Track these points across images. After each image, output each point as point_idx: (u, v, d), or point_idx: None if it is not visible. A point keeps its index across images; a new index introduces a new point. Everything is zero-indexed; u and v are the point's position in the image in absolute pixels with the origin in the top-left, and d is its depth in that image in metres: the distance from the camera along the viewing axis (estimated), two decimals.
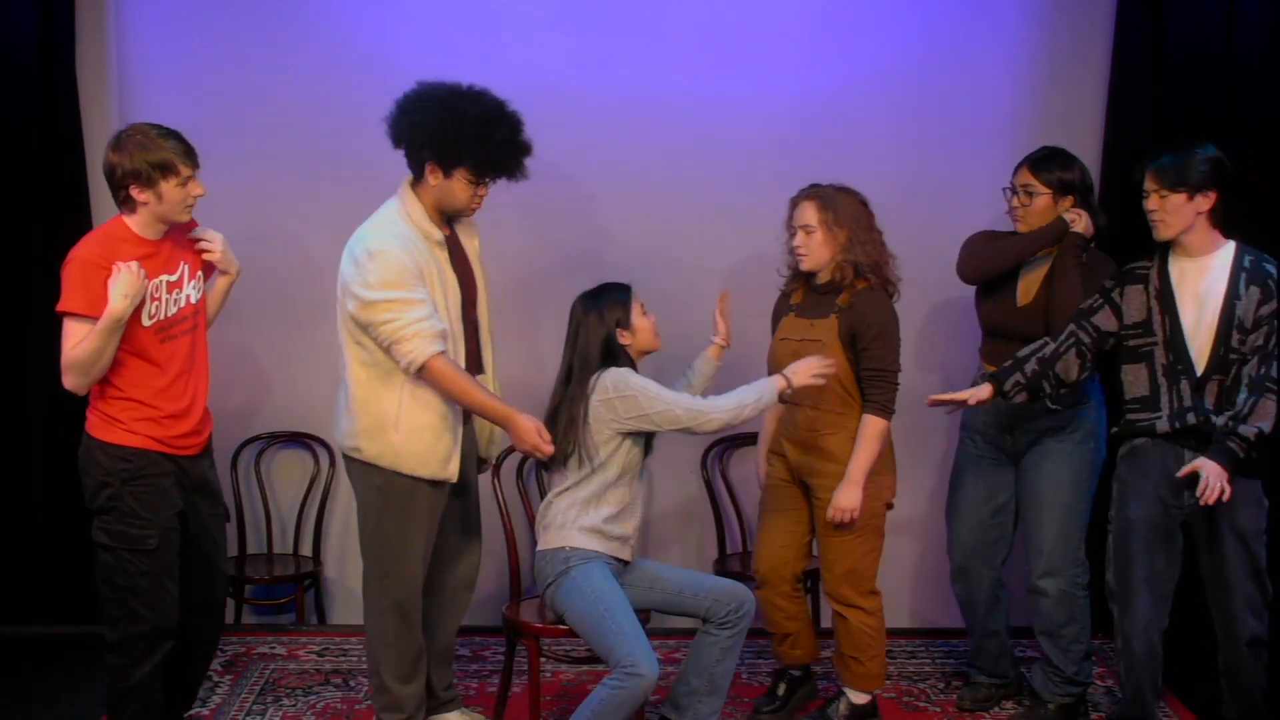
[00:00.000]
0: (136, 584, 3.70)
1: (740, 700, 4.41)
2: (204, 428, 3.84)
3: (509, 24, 4.89)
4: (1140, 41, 4.82)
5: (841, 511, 4.02)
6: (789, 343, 4.12)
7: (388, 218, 3.84)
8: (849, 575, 4.12)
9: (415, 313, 3.71)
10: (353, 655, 4.84)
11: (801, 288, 4.18)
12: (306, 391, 5.01)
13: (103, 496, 3.69)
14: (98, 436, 3.69)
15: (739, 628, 3.87)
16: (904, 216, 4.76)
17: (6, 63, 4.75)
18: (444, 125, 3.76)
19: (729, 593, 3.90)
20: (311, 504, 5.10)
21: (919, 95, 4.95)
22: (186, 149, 3.65)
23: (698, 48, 4.92)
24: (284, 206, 4.91)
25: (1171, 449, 3.88)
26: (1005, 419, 4.23)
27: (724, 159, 4.94)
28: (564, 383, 3.92)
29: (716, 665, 3.88)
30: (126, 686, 3.76)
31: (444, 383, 3.76)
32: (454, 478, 3.89)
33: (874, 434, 4.03)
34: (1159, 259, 3.91)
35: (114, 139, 3.65)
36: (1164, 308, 3.87)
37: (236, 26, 4.87)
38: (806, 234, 4.05)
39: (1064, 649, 4.26)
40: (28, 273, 4.87)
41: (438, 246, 3.87)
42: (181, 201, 3.66)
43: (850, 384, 4.06)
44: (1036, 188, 4.13)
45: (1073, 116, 4.93)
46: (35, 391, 4.91)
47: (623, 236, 4.98)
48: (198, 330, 3.82)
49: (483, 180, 3.85)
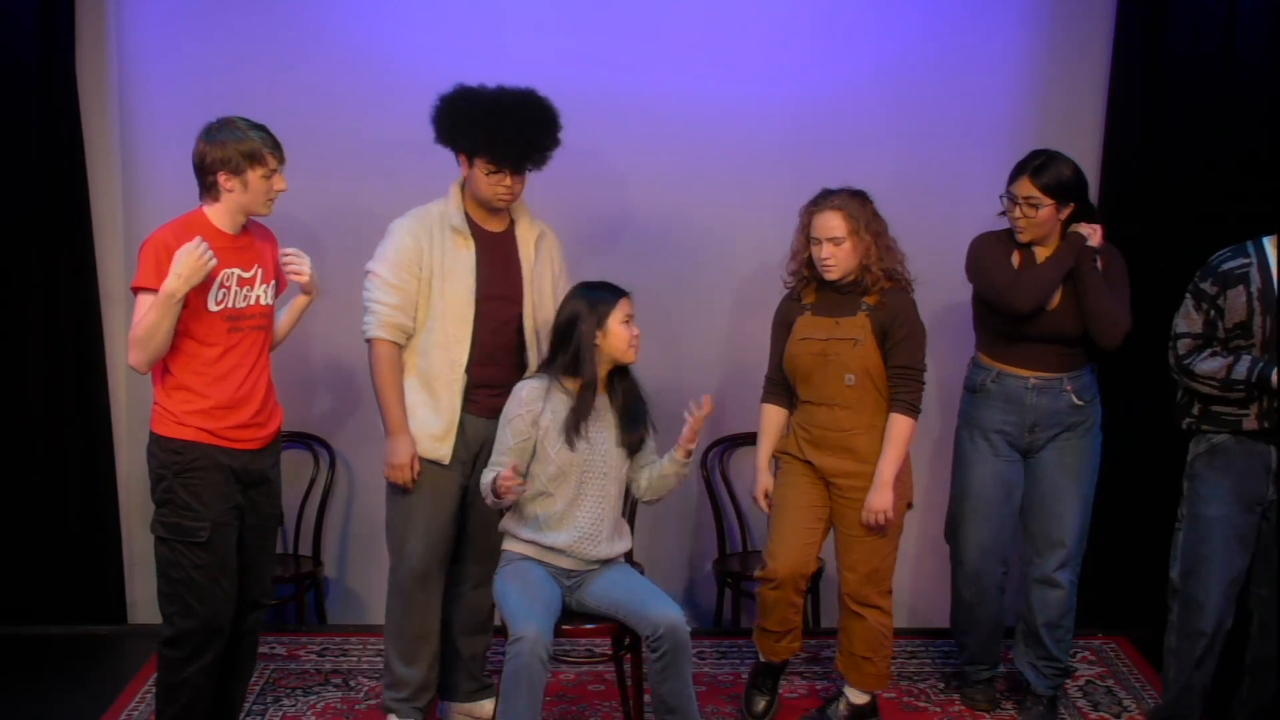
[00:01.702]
0: (190, 577, 3.73)
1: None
2: (265, 421, 3.86)
3: (509, 24, 4.89)
4: (1140, 41, 4.82)
5: (877, 514, 4.02)
6: (813, 341, 4.09)
7: (425, 205, 4.07)
8: (872, 575, 4.11)
9: (383, 295, 3.97)
10: (353, 655, 4.84)
11: (813, 288, 4.16)
12: (307, 391, 5.01)
13: (160, 489, 3.75)
14: (156, 431, 3.76)
15: (662, 652, 3.76)
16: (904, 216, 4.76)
17: (6, 63, 4.74)
18: (457, 116, 3.93)
19: (652, 621, 3.77)
20: (311, 504, 5.10)
21: (919, 95, 4.94)
22: (274, 142, 3.73)
23: (698, 48, 4.92)
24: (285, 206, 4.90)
25: (1258, 446, 3.85)
26: (1029, 418, 4.19)
27: (724, 159, 4.94)
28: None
29: (659, 686, 3.81)
30: (177, 681, 3.78)
31: (373, 369, 4.02)
32: (445, 459, 4.01)
33: (903, 433, 4.03)
34: (1257, 257, 3.85)
35: (205, 129, 3.71)
36: (1266, 308, 3.80)
37: (237, 26, 4.87)
38: (835, 245, 4.02)
39: (1059, 640, 4.29)
40: (28, 273, 4.87)
41: (458, 234, 4.00)
42: (265, 193, 3.74)
43: (883, 383, 4.06)
44: (1040, 199, 4.08)
45: (1073, 116, 4.93)
46: (35, 392, 4.92)
47: (623, 236, 4.98)
48: (266, 332, 3.88)
49: (498, 169, 3.93)
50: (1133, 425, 4.76)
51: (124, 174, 4.92)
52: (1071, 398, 4.16)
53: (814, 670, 4.68)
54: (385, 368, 4.00)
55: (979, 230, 4.32)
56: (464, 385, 4.02)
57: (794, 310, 4.18)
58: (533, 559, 3.90)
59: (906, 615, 5.18)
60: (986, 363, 4.26)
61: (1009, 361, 4.20)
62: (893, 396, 4.05)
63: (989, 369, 4.24)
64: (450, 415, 4.01)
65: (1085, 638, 4.96)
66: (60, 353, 4.91)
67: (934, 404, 4.91)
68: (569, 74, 4.88)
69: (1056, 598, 4.25)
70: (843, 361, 4.05)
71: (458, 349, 4.00)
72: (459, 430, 4.03)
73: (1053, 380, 4.16)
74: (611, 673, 4.43)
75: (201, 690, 3.81)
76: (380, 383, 4.01)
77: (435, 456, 4.02)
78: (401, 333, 4.01)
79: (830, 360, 4.06)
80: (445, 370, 4.00)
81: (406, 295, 3.98)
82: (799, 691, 4.58)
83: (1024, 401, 4.17)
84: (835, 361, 4.06)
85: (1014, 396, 4.18)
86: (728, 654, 4.83)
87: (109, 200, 4.92)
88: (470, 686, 4.32)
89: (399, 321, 3.99)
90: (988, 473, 4.27)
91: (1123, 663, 4.85)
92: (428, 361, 4.02)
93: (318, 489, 5.09)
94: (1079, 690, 4.62)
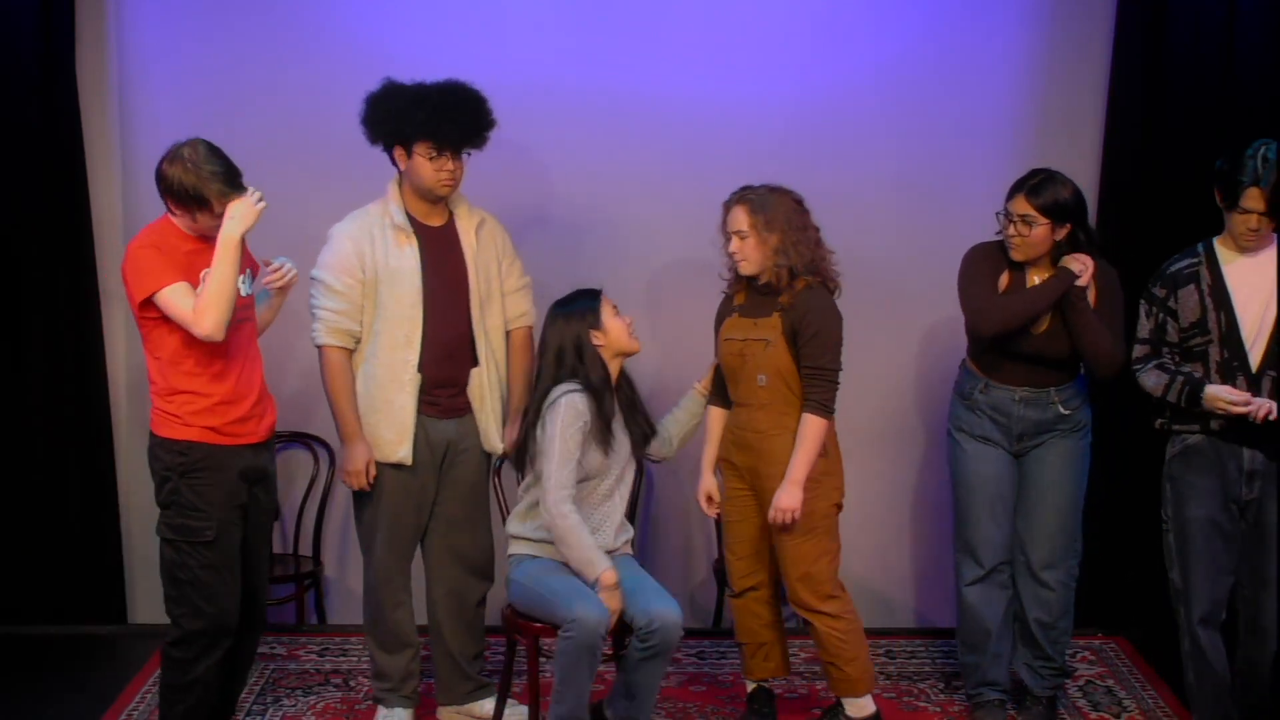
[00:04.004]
0: (197, 577, 3.73)
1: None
2: (263, 413, 3.87)
3: (509, 23, 4.89)
4: (1140, 41, 4.82)
5: (782, 512, 3.97)
6: (733, 342, 4.09)
7: (364, 207, 4.08)
8: (805, 580, 4.06)
9: (329, 301, 4.03)
10: (353, 655, 4.84)
11: (744, 289, 4.15)
12: (306, 391, 5.01)
13: (165, 491, 3.75)
14: (158, 433, 3.75)
15: (649, 645, 3.81)
16: (904, 216, 4.78)
17: (6, 63, 4.74)
18: (388, 106, 3.97)
19: (649, 614, 3.81)
20: (311, 504, 5.10)
21: (919, 95, 4.94)
22: (228, 190, 3.64)
23: (698, 48, 4.92)
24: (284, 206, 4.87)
25: (1227, 447, 3.87)
26: (1016, 428, 4.16)
27: (724, 159, 4.92)
28: (532, 389, 4.00)
29: (632, 673, 3.87)
30: (184, 682, 3.78)
31: (324, 375, 4.07)
32: (406, 460, 4.05)
33: (813, 433, 3.98)
34: (1205, 255, 3.88)
35: (172, 151, 3.68)
36: (1219, 304, 3.83)
37: (236, 27, 4.87)
38: (740, 239, 4.02)
39: (1055, 640, 4.27)
40: (28, 273, 4.87)
41: (400, 232, 4.03)
42: (217, 225, 3.68)
43: (796, 384, 4.03)
44: (1035, 218, 4.02)
45: (1073, 116, 4.93)
46: (35, 391, 4.92)
47: (622, 236, 4.97)
48: (251, 323, 3.89)
49: (440, 152, 3.95)
50: (1132, 425, 4.75)
51: (124, 174, 4.92)
52: (1058, 408, 4.14)
53: (814, 670, 4.67)
54: (335, 374, 4.04)
55: (978, 231, 4.31)
56: (419, 385, 4.04)
57: (725, 310, 4.19)
58: (545, 557, 3.93)
59: (908, 615, 5.18)
60: (976, 372, 4.24)
61: (997, 375, 4.17)
62: (804, 396, 4.01)
63: (978, 379, 4.22)
64: (404, 417, 4.04)
65: (1085, 638, 4.96)
66: (60, 352, 4.91)
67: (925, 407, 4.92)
68: (569, 74, 4.89)
69: (1049, 599, 4.24)
70: (757, 362, 4.03)
71: (408, 350, 4.03)
72: (420, 432, 4.06)
73: (1040, 394, 4.14)
74: (612, 673, 4.43)
75: (210, 688, 3.82)
76: (331, 389, 4.05)
77: (395, 459, 4.06)
78: (350, 337, 4.04)
79: (746, 361, 4.05)
80: (398, 372, 4.03)
81: (351, 300, 4.01)
82: (799, 691, 4.58)
83: (1012, 413, 4.16)
84: (751, 362, 4.05)
85: (1002, 408, 4.17)
86: (727, 654, 4.83)
87: (109, 200, 4.92)
88: (466, 688, 4.33)
89: (345, 327, 4.03)
90: (990, 474, 4.23)
91: (1123, 663, 4.85)
92: (378, 364, 4.04)
93: (318, 489, 5.09)
94: (1079, 690, 4.62)
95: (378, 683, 4.28)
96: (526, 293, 4.28)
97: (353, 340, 4.05)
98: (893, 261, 4.90)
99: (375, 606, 4.21)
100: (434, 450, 4.10)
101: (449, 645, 4.28)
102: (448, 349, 4.08)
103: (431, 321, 4.04)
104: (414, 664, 4.26)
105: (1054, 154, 4.60)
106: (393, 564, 4.17)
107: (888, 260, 4.88)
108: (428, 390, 4.06)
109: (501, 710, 4.22)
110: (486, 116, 4.03)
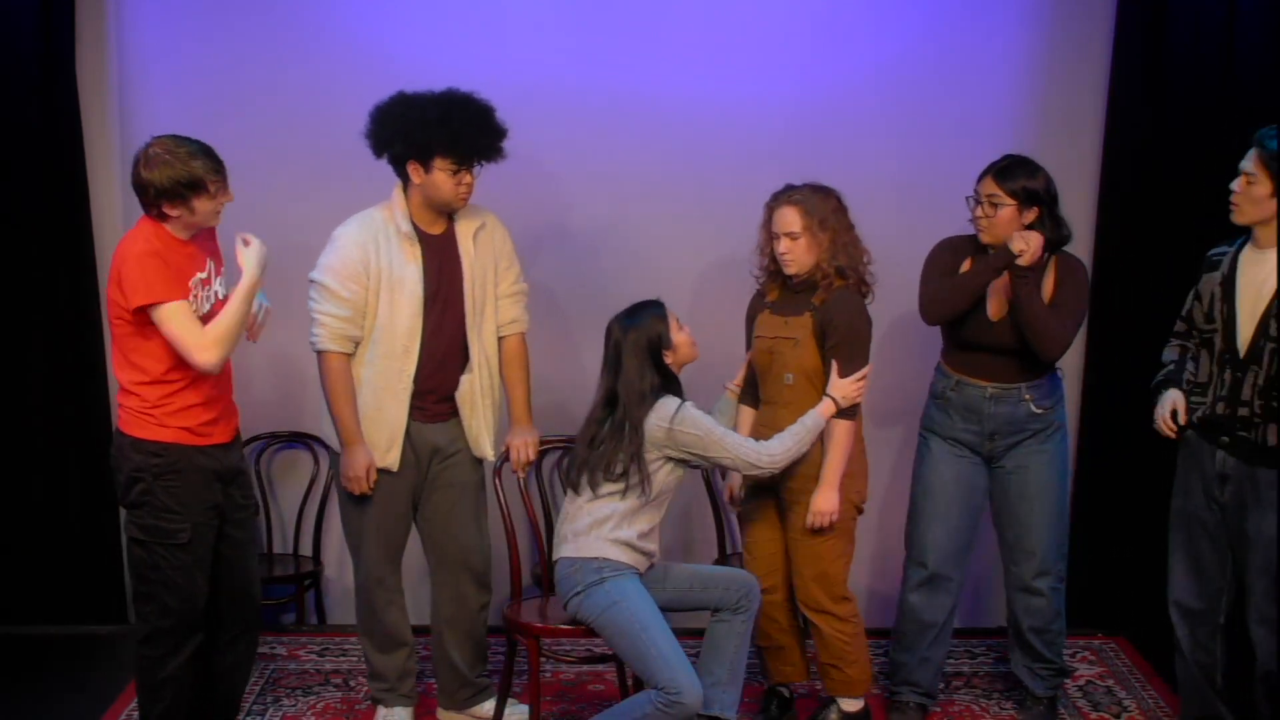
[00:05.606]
0: (168, 578, 3.72)
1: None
2: (231, 413, 3.87)
3: (509, 23, 4.89)
4: (1140, 41, 4.82)
5: (820, 516, 3.99)
6: (764, 340, 4.09)
7: (368, 210, 4.05)
8: (820, 579, 4.07)
9: (331, 306, 3.98)
10: (353, 655, 4.84)
11: (778, 286, 4.14)
12: (306, 391, 5.00)
13: (135, 492, 3.71)
14: (129, 433, 3.71)
15: (749, 611, 3.89)
16: (903, 216, 4.77)
17: (6, 63, 4.74)
18: (408, 120, 3.92)
19: (735, 579, 3.92)
20: (311, 504, 5.10)
21: (919, 95, 4.94)
22: (214, 165, 3.65)
23: (697, 48, 4.92)
24: (284, 206, 4.90)
25: (1204, 445, 3.87)
26: (988, 426, 4.16)
27: (724, 159, 4.94)
28: (605, 406, 3.87)
29: (735, 653, 3.89)
30: (158, 680, 3.78)
31: (325, 380, 4.04)
32: (393, 466, 4.05)
33: (843, 435, 3.99)
34: (1236, 246, 3.87)
35: (142, 157, 3.62)
36: (1224, 294, 3.82)
37: (237, 27, 4.87)
38: (791, 240, 3.99)
39: (1051, 643, 4.28)
40: (27, 274, 4.87)
41: (407, 240, 4.00)
42: (213, 210, 3.70)
43: (821, 384, 4.02)
44: (1001, 198, 4.03)
45: (1073, 116, 4.93)
46: (35, 391, 4.91)
47: (623, 237, 4.98)
48: None
49: (462, 166, 3.93)
50: (1131, 424, 4.75)
51: (124, 174, 4.90)
52: (1030, 406, 4.13)
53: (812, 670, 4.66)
54: (336, 379, 4.02)
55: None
56: (411, 395, 4.05)
57: (757, 307, 4.19)
58: (633, 567, 3.87)
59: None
60: (948, 370, 4.24)
61: (967, 371, 4.17)
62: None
63: (950, 377, 4.21)
64: (395, 425, 4.05)
65: (1085, 638, 4.97)
66: (60, 353, 4.91)
67: (900, 410, 4.91)
68: (569, 74, 4.89)
69: (1039, 605, 4.24)
70: (784, 361, 4.04)
71: (406, 360, 4.02)
72: (406, 437, 4.06)
73: (1011, 390, 4.13)
74: (612, 672, 4.43)
75: (185, 686, 3.80)
76: (332, 395, 4.03)
77: (383, 465, 4.07)
78: (351, 343, 4.03)
79: (775, 359, 4.06)
80: (393, 381, 4.03)
81: (355, 306, 3.99)
82: (799, 691, 4.58)
83: (982, 411, 4.14)
84: (779, 360, 4.05)
85: (973, 406, 4.16)
86: None
87: (109, 200, 4.92)
88: (467, 694, 4.32)
89: (348, 333, 4.01)
90: (947, 475, 4.23)
91: (1123, 663, 4.85)
92: (374, 371, 4.03)
93: (318, 489, 5.10)
94: (1079, 690, 4.62)
95: (375, 683, 4.28)
96: (520, 299, 4.25)
97: (354, 345, 4.03)
98: (893, 261, 4.88)
99: (367, 608, 4.22)
100: (419, 454, 4.11)
101: (450, 653, 4.27)
102: (442, 357, 4.08)
103: (428, 330, 4.03)
104: (410, 662, 4.26)
105: (1054, 154, 4.60)
106: (382, 565, 4.17)
107: (888, 260, 4.86)
108: (418, 397, 4.07)
109: (502, 710, 4.22)
110: (501, 127, 4.00)
